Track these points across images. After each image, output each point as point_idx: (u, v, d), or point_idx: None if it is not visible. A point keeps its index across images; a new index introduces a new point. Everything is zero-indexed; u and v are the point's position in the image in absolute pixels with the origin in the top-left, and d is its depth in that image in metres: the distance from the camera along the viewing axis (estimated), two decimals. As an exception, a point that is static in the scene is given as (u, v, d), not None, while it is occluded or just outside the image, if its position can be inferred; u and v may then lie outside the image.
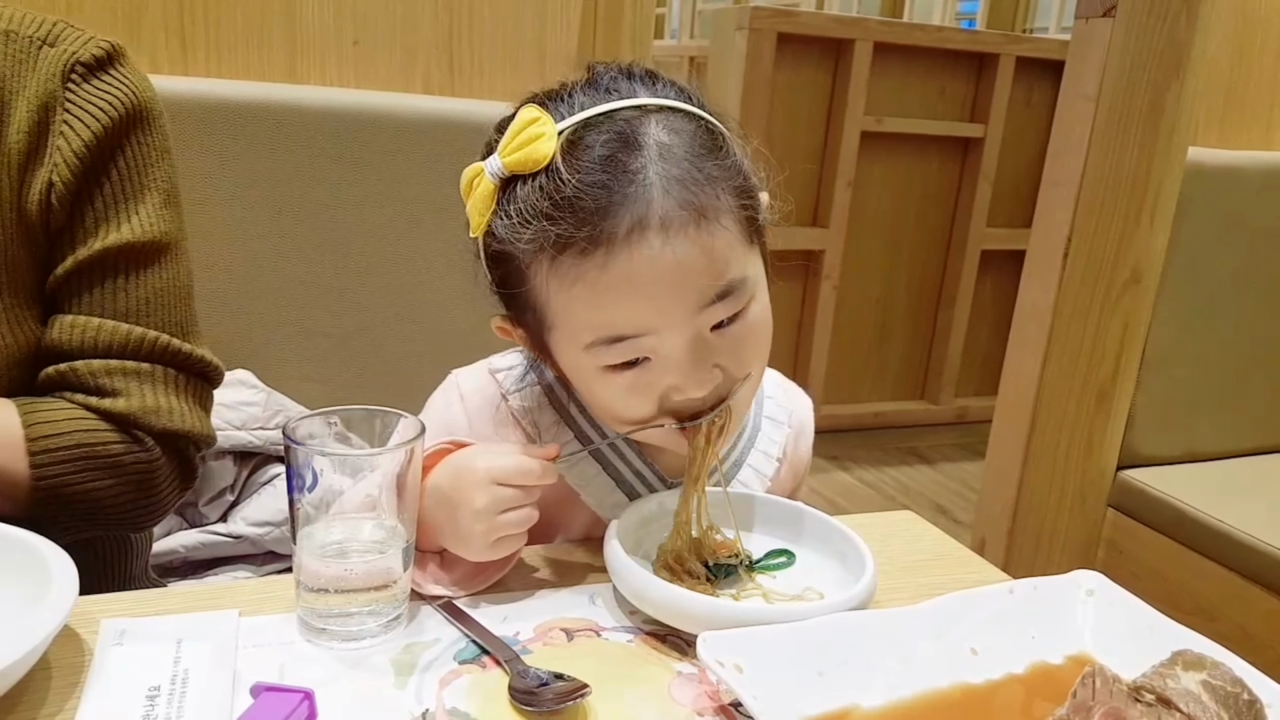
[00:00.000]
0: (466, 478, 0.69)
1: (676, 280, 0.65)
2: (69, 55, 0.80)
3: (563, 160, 0.65)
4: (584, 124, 0.67)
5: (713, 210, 0.66)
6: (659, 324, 0.67)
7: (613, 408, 0.72)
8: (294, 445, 0.62)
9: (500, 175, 0.68)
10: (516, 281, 0.70)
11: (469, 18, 1.37)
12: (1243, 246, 1.73)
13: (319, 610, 0.64)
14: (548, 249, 0.66)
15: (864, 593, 0.68)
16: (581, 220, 0.64)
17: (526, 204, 0.66)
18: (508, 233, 0.67)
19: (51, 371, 0.79)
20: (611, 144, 0.65)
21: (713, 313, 0.68)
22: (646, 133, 0.66)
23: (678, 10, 6.23)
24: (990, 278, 3.25)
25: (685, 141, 0.67)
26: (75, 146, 0.79)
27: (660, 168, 0.65)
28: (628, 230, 0.64)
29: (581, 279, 0.66)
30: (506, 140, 0.67)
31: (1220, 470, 1.79)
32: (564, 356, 0.72)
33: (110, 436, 0.78)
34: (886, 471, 2.98)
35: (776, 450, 0.86)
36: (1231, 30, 1.71)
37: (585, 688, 0.59)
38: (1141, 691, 0.58)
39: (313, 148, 1.26)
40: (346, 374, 1.33)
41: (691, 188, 0.65)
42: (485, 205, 0.69)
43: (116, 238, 0.81)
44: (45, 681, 0.58)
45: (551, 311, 0.69)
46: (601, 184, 0.64)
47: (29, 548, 0.63)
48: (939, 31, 3.13)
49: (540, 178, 0.66)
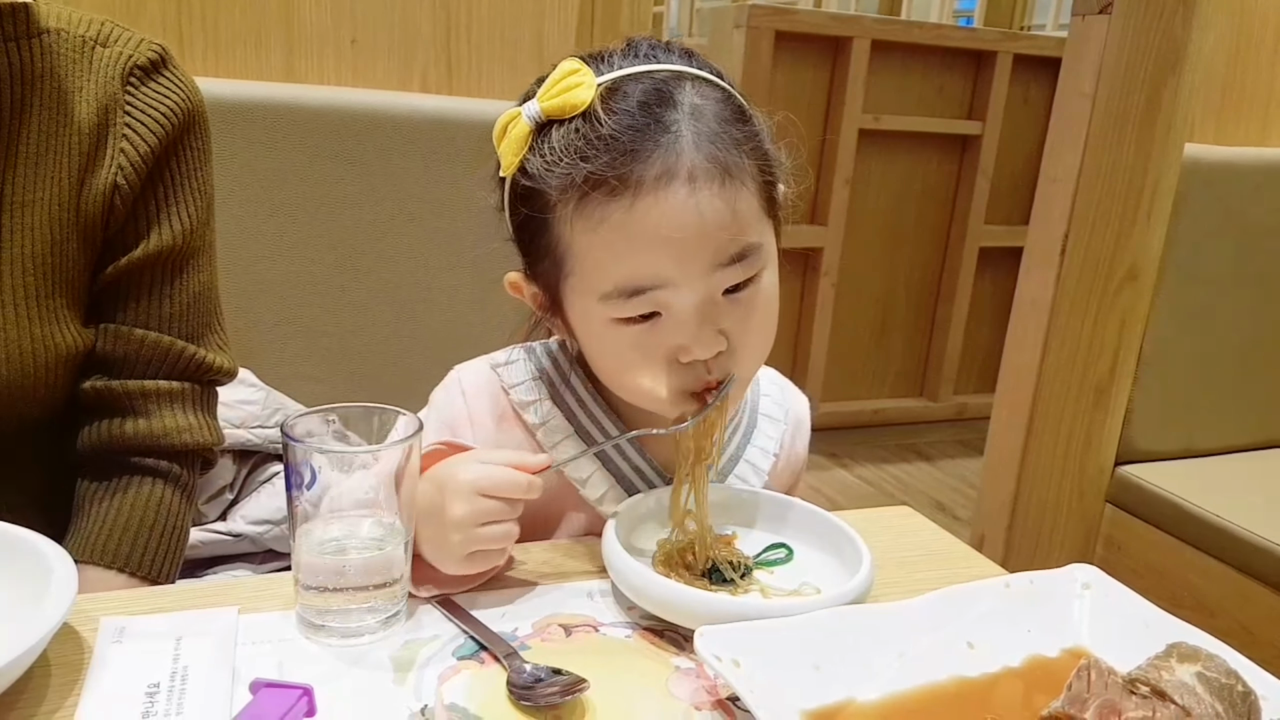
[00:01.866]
0: (450, 485, 0.68)
1: (698, 232, 0.67)
2: (126, 57, 0.81)
3: (601, 105, 0.68)
4: (623, 78, 0.69)
5: (737, 170, 0.69)
6: (677, 275, 0.68)
7: (618, 364, 0.74)
8: (292, 443, 0.62)
9: (537, 119, 0.70)
10: (539, 224, 0.71)
11: (467, 17, 1.37)
12: (1239, 242, 1.74)
13: (318, 607, 0.64)
14: (577, 186, 0.68)
15: (861, 587, 0.68)
16: (613, 160, 0.67)
17: (561, 144, 0.68)
18: (539, 169, 0.69)
19: (91, 388, 0.84)
20: (649, 95, 0.68)
21: (727, 274, 0.70)
22: (682, 93, 0.69)
23: (675, 8, 6.23)
24: (988, 274, 3.25)
25: (716, 107, 0.70)
26: (141, 150, 0.81)
27: (692, 124, 0.68)
28: (656, 176, 0.66)
29: (607, 220, 0.67)
30: (546, 88, 0.70)
31: (1218, 466, 1.79)
32: (576, 307, 0.73)
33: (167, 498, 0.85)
34: (886, 469, 2.99)
35: (773, 446, 0.87)
36: (1227, 27, 1.71)
37: (584, 683, 0.59)
38: (1137, 684, 0.58)
39: (311, 147, 1.27)
40: (345, 372, 1.33)
41: (720, 146, 0.68)
42: (519, 146, 0.71)
43: (163, 242, 0.84)
44: (45, 679, 0.58)
45: (572, 256, 0.71)
46: (637, 128, 0.67)
47: (29, 546, 0.63)
48: (937, 29, 3.14)
49: (576, 121, 0.68)
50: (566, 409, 0.81)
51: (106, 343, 0.83)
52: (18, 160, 0.77)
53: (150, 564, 0.84)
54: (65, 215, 0.78)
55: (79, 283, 0.81)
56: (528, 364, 0.83)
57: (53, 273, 0.78)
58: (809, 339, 3.05)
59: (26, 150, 0.77)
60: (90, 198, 0.80)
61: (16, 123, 0.77)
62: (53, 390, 0.80)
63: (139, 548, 0.83)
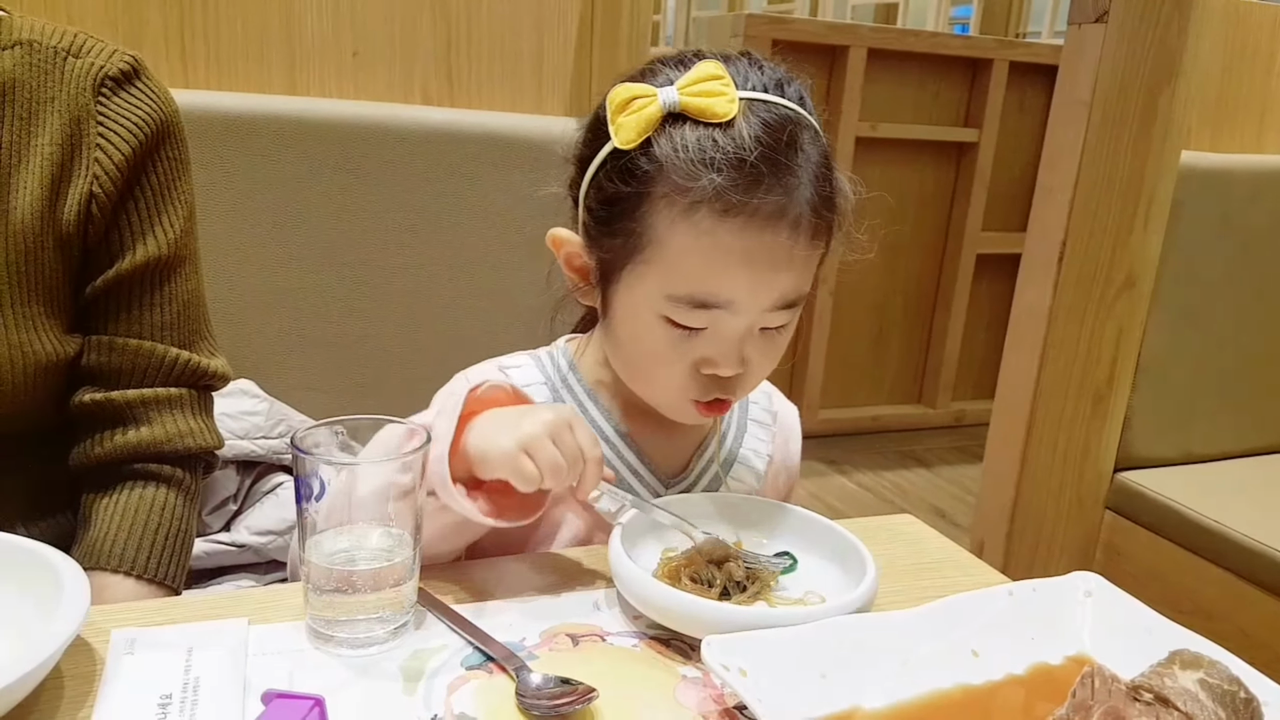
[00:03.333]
0: (554, 405, 0.74)
1: (782, 271, 0.72)
2: (97, 68, 0.81)
3: (745, 123, 0.70)
4: (761, 103, 0.72)
5: (825, 228, 0.74)
6: (744, 304, 0.72)
7: (647, 364, 0.77)
8: (302, 454, 0.62)
9: (673, 108, 0.71)
10: (635, 204, 0.73)
11: (467, 29, 1.38)
12: (1236, 248, 1.75)
13: (327, 617, 0.65)
14: (697, 191, 0.69)
15: (865, 596, 0.68)
16: (741, 183, 0.69)
17: (697, 146, 0.70)
18: (666, 157, 0.71)
19: (88, 401, 0.84)
20: (782, 130, 0.71)
21: (776, 315, 0.75)
22: (803, 137, 0.73)
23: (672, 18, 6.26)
24: (986, 281, 3.26)
25: (820, 158, 0.74)
26: (115, 159, 0.81)
27: (808, 175, 0.72)
28: (771, 211, 0.70)
29: (712, 234, 0.70)
30: (688, 82, 0.71)
31: (1217, 472, 1.80)
32: (632, 290, 0.75)
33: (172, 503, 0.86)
34: (884, 475, 2.99)
35: (765, 448, 0.90)
36: (1222, 35, 1.72)
37: (592, 692, 0.59)
38: (1140, 691, 0.59)
39: (313, 159, 1.27)
40: (348, 383, 1.34)
41: (822, 201, 0.73)
42: (647, 125, 0.71)
43: (149, 252, 0.84)
44: (58, 691, 0.59)
45: (658, 249, 0.72)
46: (770, 160, 0.70)
47: (40, 559, 0.63)
48: (933, 37, 3.15)
49: (716, 130, 0.70)
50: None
51: (100, 355, 0.84)
52: None
53: (158, 567, 0.84)
54: (39, 224, 0.78)
55: (57, 291, 0.81)
56: (533, 369, 0.85)
57: (28, 280, 0.78)
58: (807, 346, 3.06)
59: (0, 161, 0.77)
60: (66, 207, 0.80)
61: None
62: (32, 398, 0.80)
63: (145, 551, 0.83)
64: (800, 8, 5.82)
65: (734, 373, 0.75)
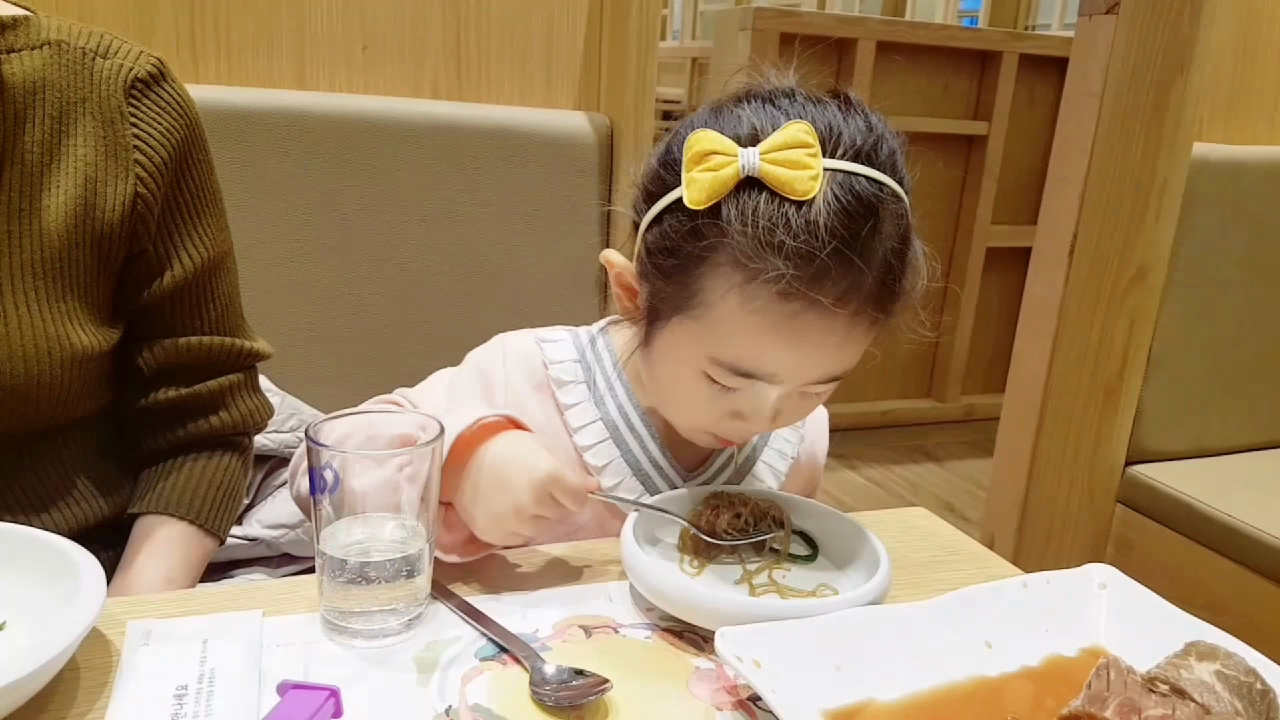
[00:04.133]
0: (531, 470, 0.70)
1: (830, 356, 0.71)
2: (126, 70, 0.83)
3: (823, 205, 0.65)
4: (845, 179, 0.67)
5: (885, 319, 0.72)
6: (786, 378, 0.71)
7: (679, 403, 0.77)
8: (316, 446, 0.63)
9: (753, 173, 0.66)
10: (694, 265, 0.69)
11: (476, 22, 1.38)
12: (1248, 240, 1.74)
13: (342, 609, 0.65)
14: (758, 270, 0.66)
15: (879, 588, 0.68)
16: (809, 277, 0.65)
17: (769, 223, 0.65)
18: (734, 228, 0.66)
19: (164, 399, 0.90)
20: (864, 223, 0.66)
21: (817, 385, 0.73)
22: (884, 220, 0.68)
23: (680, 11, 6.24)
24: (996, 275, 3.25)
25: (898, 241, 0.69)
26: (156, 161, 0.83)
27: (881, 263, 0.68)
28: (832, 301, 0.66)
29: (764, 313, 0.67)
30: (772, 146, 0.66)
31: (1229, 465, 1.79)
32: (675, 339, 0.73)
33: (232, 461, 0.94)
34: (894, 470, 2.99)
35: (790, 449, 0.88)
36: (1235, 25, 1.71)
37: (606, 683, 0.60)
38: (1156, 682, 0.59)
39: (323, 153, 1.28)
40: (360, 377, 1.34)
41: (890, 294, 0.70)
42: (721, 189, 0.67)
43: (200, 256, 0.88)
44: (74, 682, 0.59)
45: (708, 310, 0.70)
46: (843, 256, 0.65)
47: (57, 552, 0.64)
48: (941, 30, 3.14)
49: (791, 208, 0.65)
50: (597, 395, 0.83)
51: (169, 356, 0.89)
52: (21, 169, 0.78)
53: (213, 518, 0.91)
54: (74, 222, 0.80)
55: (94, 287, 0.83)
56: (570, 346, 0.85)
57: (62, 277, 0.80)
58: (816, 340, 3.05)
59: (31, 159, 0.79)
60: (107, 207, 0.81)
61: (20, 132, 0.79)
62: (67, 391, 0.81)
63: (209, 504, 0.91)
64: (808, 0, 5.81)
65: (764, 428, 0.76)
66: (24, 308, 0.78)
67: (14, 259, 0.78)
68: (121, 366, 0.90)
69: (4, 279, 0.77)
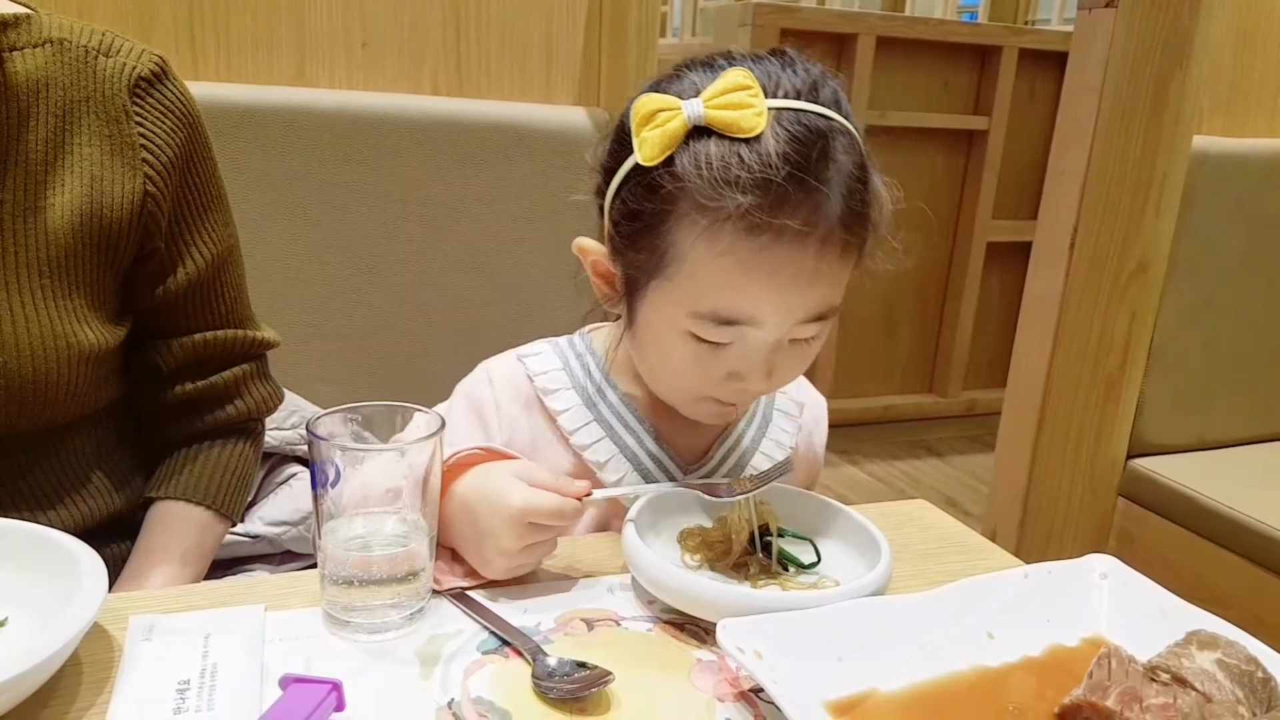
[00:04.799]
0: (500, 509, 0.69)
1: (807, 289, 0.70)
2: (129, 68, 0.83)
3: (772, 138, 0.67)
4: (791, 113, 0.69)
5: (857, 242, 0.72)
6: (770, 321, 0.71)
7: (673, 374, 0.76)
8: (317, 440, 0.63)
9: (699, 122, 0.68)
10: (658, 221, 0.71)
11: (476, 19, 1.38)
12: (1249, 233, 1.74)
13: (343, 603, 0.65)
14: (719, 210, 0.67)
15: (880, 579, 0.68)
16: (766, 203, 0.67)
17: (721, 163, 0.67)
18: (689, 174, 0.68)
19: (181, 393, 0.91)
20: (811, 144, 0.68)
21: (805, 328, 0.73)
22: (836, 148, 0.69)
23: (679, 7, 6.23)
24: (997, 269, 3.25)
25: (853, 166, 0.71)
26: (164, 159, 0.84)
27: (838, 185, 0.69)
28: (797, 229, 0.67)
29: (734, 252, 0.68)
30: (714, 94, 0.68)
31: (1230, 458, 1.79)
32: (657, 306, 0.74)
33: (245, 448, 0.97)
34: (896, 465, 2.99)
35: (788, 440, 0.89)
36: (1235, 18, 1.71)
37: (609, 675, 0.60)
38: (1157, 671, 0.59)
39: (323, 150, 1.28)
40: (360, 374, 1.34)
41: (855, 216, 0.70)
42: (671, 141, 0.69)
43: (210, 253, 0.89)
44: (77, 677, 0.59)
45: (680, 266, 0.71)
46: (797, 178, 0.67)
47: (60, 547, 0.64)
48: (941, 25, 3.14)
49: (742, 146, 0.67)
50: (588, 398, 0.83)
51: (188, 352, 0.91)
52: (25, 168, 0.78)
53: (226, 502, 0.93)
54: (79, 221, 0.80)
55: (99, 284, 0.83)
56: (552, 356, 0.85)
57: (67, 275, 0.80)
58: (817, 336, 3.05)
59: (35, 158, 0.79)
60: (113, 205, 0.81)
61: (23, 130, 0.79)
62: (74, 388, 0.81)
63: (224, 490, 0.93)
64: (808, -3, 5.79)
65: (761, 385, 0.75)
66: (30, 306, 0.78)
67: (19, 257, 0.78)
68: (134, 364, 0.90)
69: (10, 277, 0.77)
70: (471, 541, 0.71)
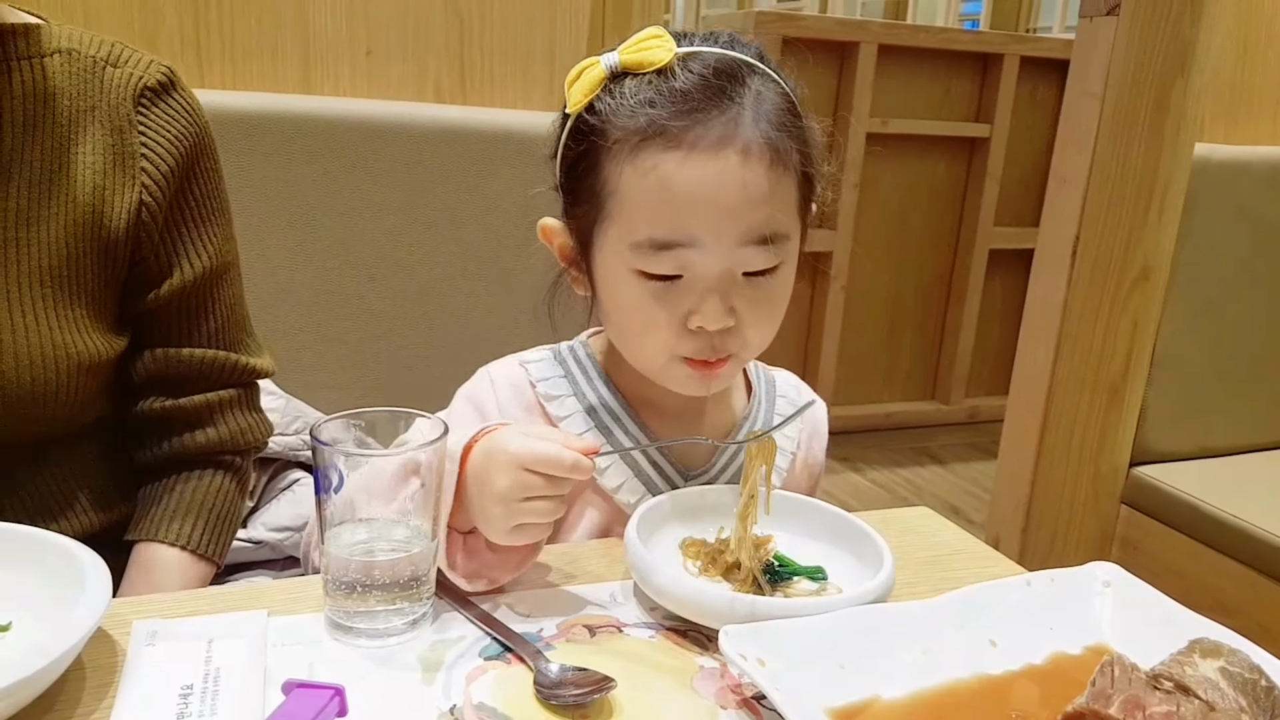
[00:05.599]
0: (496, 458, 0.68)
1: (739, 200, 0.71)
2: (136, 79, 0.83)
3: (678, 65, 0.72)
4: (700, 51, 0.74)
5: (786, 156, 0.73)
6: (708, 238, 0.71)
7: (631, 318, 0.76)
8: (321, 446, 0.63)
9: (614, 68, 0.74)
10: (591, 162, 0.74)
11: (479, 27, 1.38)
12: (1251, 240, 1.74)
13: (346, 609, 0.65)
14: (639, 130, 0.71)
15: (883, 586, 0.68)
16: (679, 113, 0.70)
17: (634, 91, 0.72)
18: (606, 109, 0.73)
19: (155, 408, 0.89)
20: (722, 66, 0.72)
21: (752, 253, 0.73)
22: (751, 78, 0.73)
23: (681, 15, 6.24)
24: (999, 277, 3.25)
25: (776, 99, 0.74)
26: (162, 169, 0.83)
27: (754, 105, 0.72)
28: (714, 139, 0.70)
29: (658, 169, 0.71)
30: (627, 44, 0.74)
31: (1233, 465, 1.79)
32: (604, 253, 0.76)
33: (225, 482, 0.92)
34: (898, 472, 2.98)
35: (790, 445, 0.89)
36: (1236, 25, 1.71)
37: (610, 681, 0.60)
38: (1160, 679, 0.59)
39: (327, 157, 1.28)
40: (363, 380, 1.34)
41: (775, 131, 0.72)
42: (591, 88, 0.74)
43: (201, 265, 0.88)
44: (80, 681, 0.59)
45: (615, 199, 0.73)
46: (707, 91, 0.71)
47: (63, 551, 0.64)
48: (943, 32, 3.14)
49: (651, 75, 0.72)
50: (587, 404, 0.83)
51: (160, 365, 0.88)
52: (29, 177, 0.78)
53: (209, 544, 0.90)
54: (81, 231, 0.80)
55: (101, 294, 0.83)
56: (554, 363, 0.86)
57: (69, 284, 0.80)
58: (819, 342, 3.06)
59: (39, 167, 0.79)
60: (114, 215, 0.81)
61: (29, 139, 0.79)
62: (75, 398, 0.81)
63: (202, 531, 0.89)
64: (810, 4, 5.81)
65: (721, 324, 0.73)
66: (32, 315, 0.78)
67: (22, 266, 0.78)
68: (118, 372, 0.89)
69: (12, 286, 0.77)
70: (478, 503, 0.69)
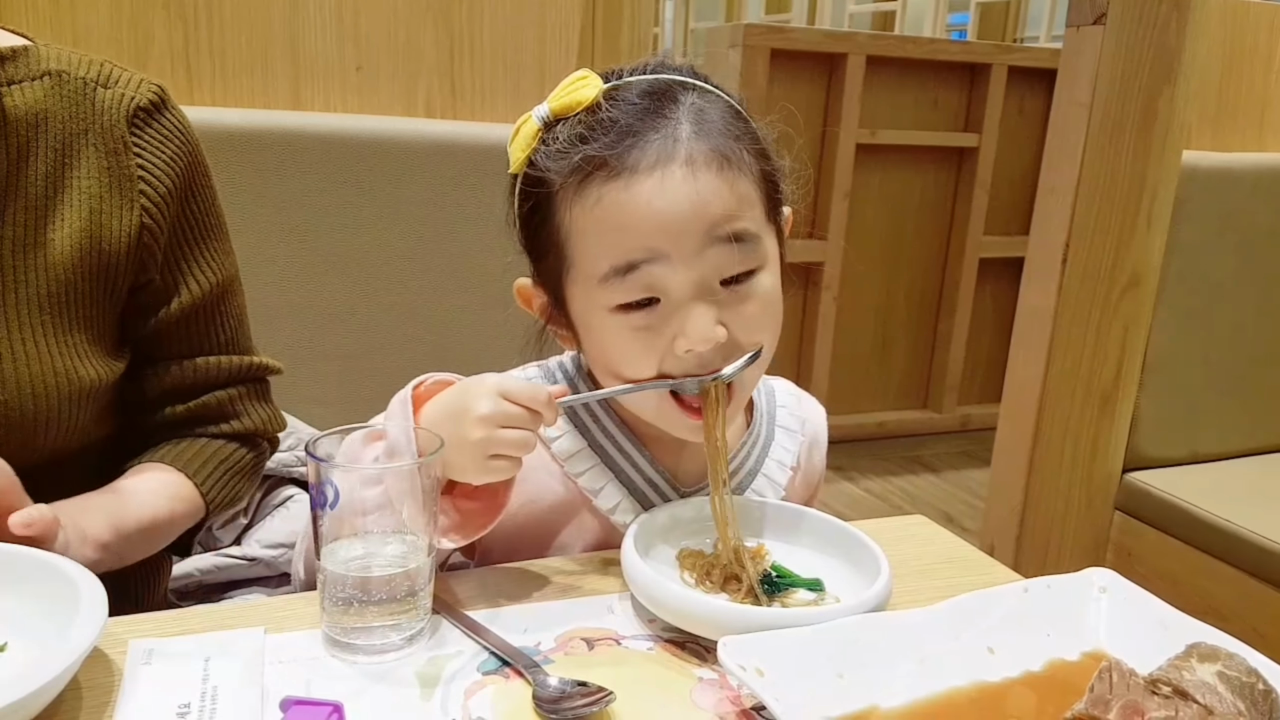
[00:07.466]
0: (474, 388, 0.70)
1: (693, 207, 0.69)
2: (127, 99, 0.82)
3: (605, 99, 0.72)
4: (628, 81, 0.73)
5: (737, 160, 0.72)
6: (667, 246, 0.69)
7: (619, 358, 0.74)
8: (316, 461, 0.63)
9: (546, 118, 0.74)
10: (542, 215, 0.74)
11: (469, 42, 1.39)
12: (1239, 246, 1.75)
13: (343, 625, 0.65)
14: (577, 169, 0.70)
15: (880, 596, 0.69)
16: (613, 142, 0.70)
17: (565, 135, 0.72)
18: (543, 159, 0.73)
19: (180, 410, 0.89)
20: (652, 88, 0.72)
21: (720, 255, 0.70)
22: (685, 95, 0.73)
23: (670, 29, 6.28)
24: (989, 285, 3.27)
25: (716, 110, 0.73)
26: (161, 190, 0.83)
27: (692, 118, 0.71)
28: (655, 158, 0.69)
29: (603, 199, 0.70)
30: (555, 93, 0.74)
31: (1225, 471, 1.80)
32: (578, 301, 0.75)
33: (243, 451, 0.93)
34: (892, 481, 2.99)
35: (790, 459, 0.88)
36: (1221, 34, 1.73)
37: (609, 694, 0.59)
38: (1158, 684, 0.59)
39: (318, 173, 1.28)
40: (356, 395, 1.34)
41: (720, 137, 0.71)
42: (528, 143, 0.74)
43: (208, 282, 0.88)
44: (77, 701, 0.59)
45: (572, 241, 0.73)
46: (638, 114, 0.70)
47: (58, 572, 0.63)
48: (930, 43, 3.16)
49: (581, 114, 0.72)
50: (581, 424, 0.82)
51: (175, 377, 0.88)
52: (25, 203, 0.78)
53: (209, 482, 0.88)
54: (79, 255, 0.79)
55: (100, 318, 0.82)
56: (544, 379, 0.85)
57: (68, 310, 0.79)
58: (811, 353, 3.06)
59: (34, 193, 0.78)
60: (112, 238, 0.80)
61: (23, 165, 0.78)
62: (74, 422, 0.81)
63: (209, 469, 0.89)
64: (798, 17, 5.85)
65: (708, 337, 0.70)
66: (31, 343, 0.77)
67: (20, 293, 0.77)
68: (127, 389, 0.88)
69: (10, 314, 0.77)
70: (454, 429, 0.69)
